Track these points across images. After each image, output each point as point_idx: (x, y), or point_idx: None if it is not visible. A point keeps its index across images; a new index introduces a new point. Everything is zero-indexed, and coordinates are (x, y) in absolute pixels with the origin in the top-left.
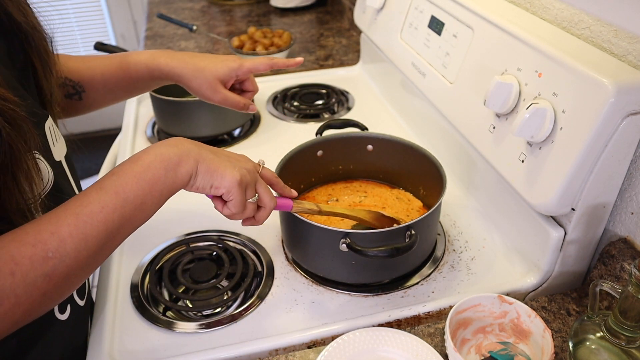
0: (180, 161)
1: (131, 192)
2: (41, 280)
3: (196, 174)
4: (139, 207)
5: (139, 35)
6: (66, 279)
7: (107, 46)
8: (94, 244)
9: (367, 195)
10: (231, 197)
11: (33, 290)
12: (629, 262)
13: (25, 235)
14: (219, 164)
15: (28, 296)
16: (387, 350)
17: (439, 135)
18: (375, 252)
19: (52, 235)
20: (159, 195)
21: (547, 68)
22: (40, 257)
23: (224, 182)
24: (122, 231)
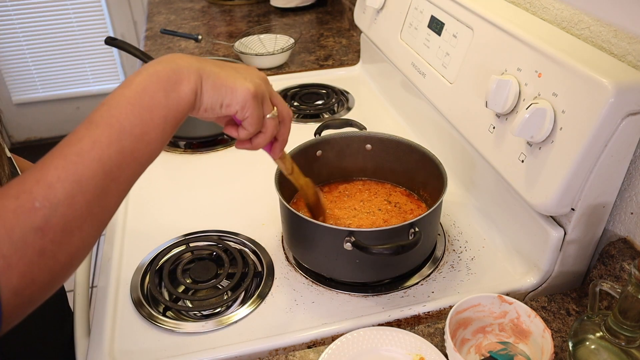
0: (181, 79)
1: (127, 122)
2: (32, 235)
3: (201, 92)
4: (139, 137)
5: (139, 35)
6: (65, 232)
7: (118, 41)
8: (91, 186)
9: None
10: (247, 114)
11: (24, 248)
12: (629, 262)
13: (8, 189)
14: (227, 77)
15: (20, 256)
16: (389, 350)
17: (439, 135)
18: (380, 250)
19: (38, 182)
20: (163, 121)
21: (547, 68)
22: (26, 208)
23: (236, 97)
24: (125, 169)
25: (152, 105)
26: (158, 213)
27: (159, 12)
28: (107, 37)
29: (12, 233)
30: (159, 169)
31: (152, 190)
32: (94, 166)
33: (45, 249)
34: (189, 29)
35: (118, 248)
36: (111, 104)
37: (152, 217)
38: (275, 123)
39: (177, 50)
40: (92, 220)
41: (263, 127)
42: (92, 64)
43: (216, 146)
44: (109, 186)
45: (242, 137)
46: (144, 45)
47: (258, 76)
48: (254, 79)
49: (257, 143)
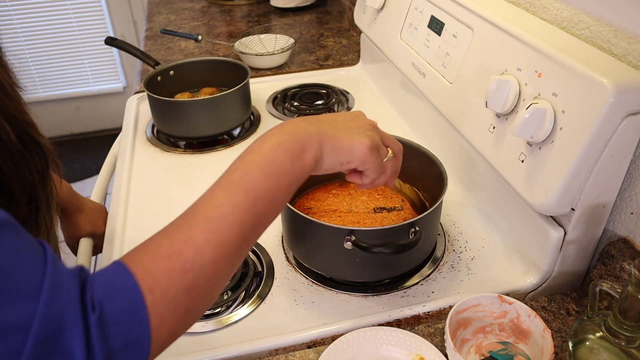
0: (304, 148)
1: (261, 188)
2: (182, 295)
3: (322, 157)
4: (270, 202)
5: (139, 35)
6: (206, 291)
7: (118, 41)
8: (231, 248)
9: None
10: (368, 166)
11: (175, 307)
12: (629, 262)
13: (159, 248)
14: (343, 137)
15: (171, 313)
16: (389, 350)
17: (439, 135)
18: (380, 249)
19: (187, 244)
20: (288, 187)
21: (547, 68)
22: (179, 270)
23: (355, 154)
24: (256, 231)
25: (281, 173)
26: (158, 213)
27: (159, 12)
28: (107, 37)
29: (167, 293)
30: (159, 168)
31: (152, 190)
32: (235, 231)
33: (190, 308)
34: (189, 29)
35: (118, 248)
36: (244, 170)
37: (152, 217)
38: (393, 162)
39: (177, 50)
40: (226, 279)
41: (383, 170)
42: (92, 64)
43: (216, 146)
44: (242, 247)
45: (366, 182)
46: (144, 45)
47: (370, 126)
48: (366, 131)
49: (378, 183)
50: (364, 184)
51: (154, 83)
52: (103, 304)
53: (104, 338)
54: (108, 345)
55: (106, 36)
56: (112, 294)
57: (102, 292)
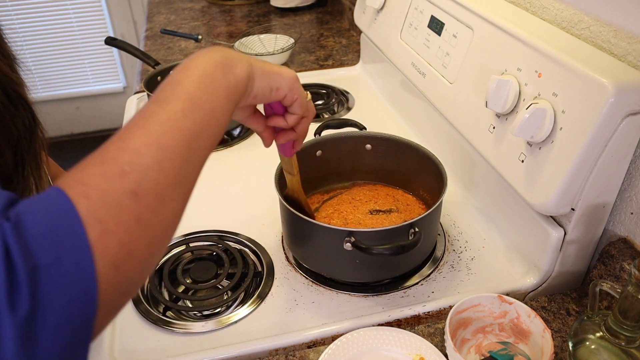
0: (234, 63)
1: (197, 97)
2: (127, 198)
3: (253, 77)
4: (209, 112)
5: (139, 35)
6: (158, 198)
7: (118, 41)
8: (175, 154)
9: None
10: (296, 95)
11: (120, 212)
12: (629, 262)
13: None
14: (270, 65)
15: (117, 221)
16: (389, 350)
17: (439, 135)
18: (380, 250)
19: (121, 149)
20: (226, 100)
21: (547, 68)
22: (114, 172)
23: (284, 80)
24: (201, 142)
25: (215, 84)
26: None
27: (159, 12)
28: (107, 37)
29: (106, 197)
30: None
31: None
32: (175, 134)
33: (141, 215)
34: (189, 29)
35: None
36: (175, 83)
37: None
38: (313, 106)
39: (177, 50)
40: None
41: (307, 111)
42: (92, 64)
43: (216, 146)
44: (190, 157)
45: (292, 122)
46: (144, 45)
47: None
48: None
49: (302, 129)
50: (290, 124)
51: (154, 83)
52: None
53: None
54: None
55: (106, 36)
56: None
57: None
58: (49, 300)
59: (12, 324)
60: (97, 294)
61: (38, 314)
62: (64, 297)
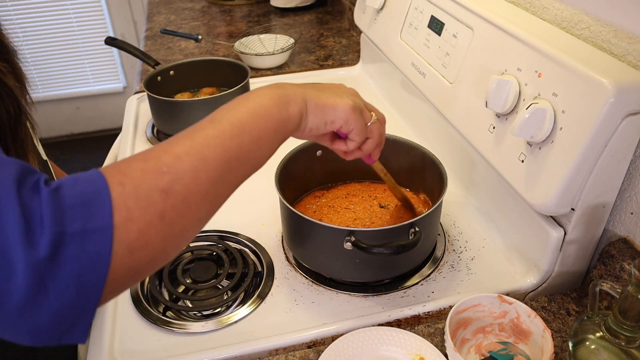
0: (289, 101)
1: (247, 124)
2: (157, 195)
3: (307, 113)
4: (256, 140)
5: (139, 35)
6: (185, 202)
7: (118, 41)
8: (213, 168)
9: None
10: (352, 126)
11: (147, 205)
12: (629, 262)
13: (135, 156)
14: (327, 98)
15: (142, 211)
16: (389, 350)
17: (439, 135)
18: (380, 250)
19: (165, 152)
20: (274, 132)
21: (547, 68)
22: (154, 170)
23: (338, 113)
24: (241, 164)
25: (267, 117)
26: None
27: (159, 12)
28: (107, 37)
29: (139, 188)
30: None
31: None
32: (217, 151)
33: (165, 212)
34: (189, 29)
35: None
36: (231, 109)
37: None
38: (378, 126)
39: (177, 50)
40: (208, 202)
41: (369, 133)
42: (92, 64)
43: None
44: (226, 175)
45: (352, 148)
46: (144, 45)
47: (351, 92)
48: (349, 95)
49: (367, 149)
50: (350, 150)
51: (154, 83)
52: (62, 186)
53: (58, 216)
54: (62, 225)
55: (106, 36)
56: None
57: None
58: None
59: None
60: (108, 271)
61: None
62: (79, 264)
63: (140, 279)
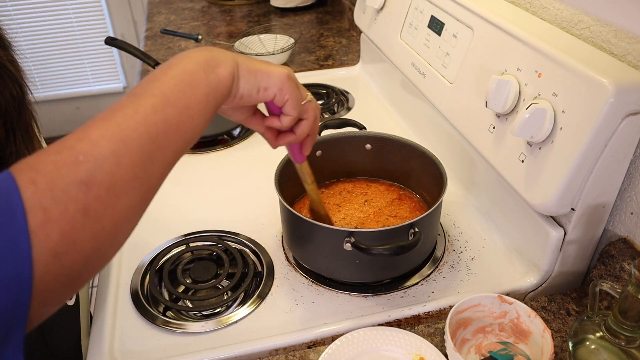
0: (218, 63)
1: (171, 94)
2: (75, 188)
3: (238, 76)
4: (183, 111)
5: (139, 35)
6: (110, 191)
7: (118, 41)
8: (137, 148)
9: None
10: (286, 96)
11: (66, 201)
12: (629, 262)
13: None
14: (261, 64)
15: (61, 210)
16: (389, 350)
17: (439, 135)
18: (380, 250)
19: (80, 140)
20: (205, 99)
21: (547, 68)
22: (68, 161)
23: (272, 79)
24: (170, 139)
25: (194, 83)
26: (158, 213)
27: (159, 12)
28: (107, 37)
29: (54, 185)
30: None
31: None
32: (139, 129)
33: (89, 207)
34: (189, 29)
35: None
36: (153, 80)
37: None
38: (314, 108)
39: (177, 50)
40: (139, 186)
41: (304, 113)
42: (92, 64)
43: (216, 146)
44: (154, 153)
45: (286, 124)
46: (144, 45)
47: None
48: (283, 66)
49: (301, 131)
50: (283, 126)
51: None
52: None
53: None
54: None
55: (106, 36)
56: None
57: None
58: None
59: None
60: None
61: None
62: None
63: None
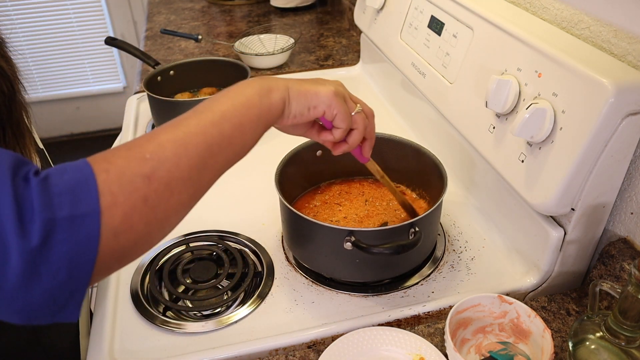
0: (272, 89)
1: (228, 112)
2: (140, 180)
3: (289, 100)
4: (237, 127)
5: (139, 35)
6: (168, 187)
7: (118, 41)
8: (195, 153)
9: (365, 196)
10: (335, 111)
11: (131, 190)
12: (629, 262)
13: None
14: (309, 86)
15: (126, 196)
16: (389, 350)
17: (439, 135)
18: (380, 250)
19: (149, 141)
20: (257, 120)
21: (547, 68)
22: (137, 157)
23: (321, 98)
24: (222, 150)
25: (249, 105)
26: None
27: (159, 12)
28: (107, 37)
29: (122, 175)
30: None
31: None
32: (199, 138)
33: (148, 197)
34: (189, 29)
35: None
36: (213, 100)
37: None
38: (363, 117)
39: (177, 50)
40: (190, 186)
41: (354, 123)
42: (92, 64)
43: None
44: (208, 161)
45: (338, 136)
46: (144, 45)
47: (335, 82)
48: (331, 83)
49: (353, 140)
50: (336, 138)
51: (154, 83)
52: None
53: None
54: (52, 212)
55: (106, 36)
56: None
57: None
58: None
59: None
60: (96, 253)
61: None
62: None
63: (127, 261)
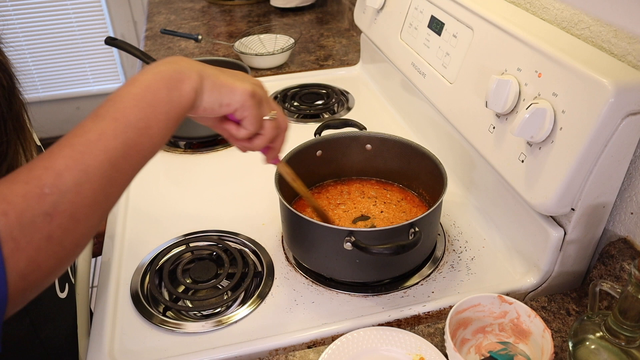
0: (183, 78)
1: (132, 116)
2: (41, 219)
3: (202, 91)
4: (143, 131)
5: (139, 35)
6: (72, 219)
7: (118, 41)
8: (97, 175)
9: (366, 196)
10: (245, 113)
11: (33, 231)
12: (629, 262)
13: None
14: (226, 78)
15: (28, 239)
16: (389, 350)
17: (439, 135)
18: (380, 250)
19: (46, 170)
20: (165, 117)
21: (547, 68)
22: (35, 194)
23: (235, 96)
24: (129, 160)
25: (155, 102)
26: (158, 213)
27: (159, 12)
28: (107, 37)
29: (22, 217)
30: (159, 169)
31: (152, 190)
32: (100, 157)
33: (52, 234)
34: (189, 29)
35: (118, 248)
36: (116, 100)
37: (152, 217)
38: (273, 126)
39: (177, 50)
40: (98, 208)
41: (262, 129)
42: (92, 64)
43: (216, 146)
44: (114, 176)
45: (241, 136)
46: (144, 45)
47: (255, 82)
48: (251, 82)
49: (256, 145)
50: (238, 137)
51: None
52: None
53: None
54: None
55: (106, 36)
56: None
57: None
58: None
59: None
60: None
61: None
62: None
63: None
